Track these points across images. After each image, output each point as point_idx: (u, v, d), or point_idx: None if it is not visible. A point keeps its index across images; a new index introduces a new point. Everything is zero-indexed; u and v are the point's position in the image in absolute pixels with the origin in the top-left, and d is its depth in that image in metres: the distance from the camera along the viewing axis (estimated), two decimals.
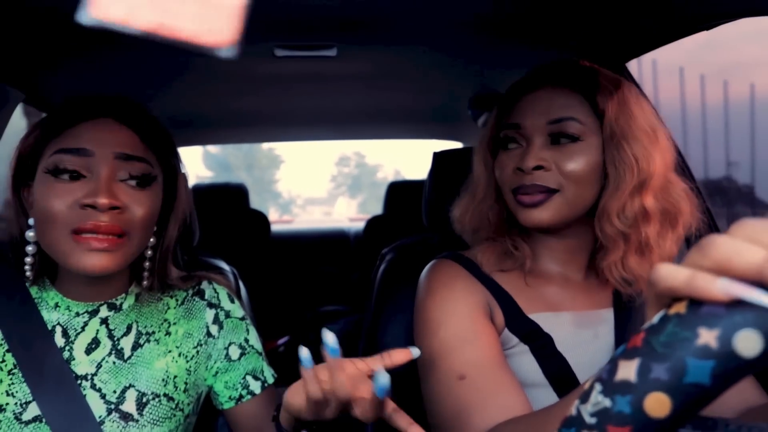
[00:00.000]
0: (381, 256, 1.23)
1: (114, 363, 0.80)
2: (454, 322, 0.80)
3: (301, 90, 1.83)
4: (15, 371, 0.76)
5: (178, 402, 0.83)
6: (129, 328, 0.83)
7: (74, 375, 0.78)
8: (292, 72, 1.58)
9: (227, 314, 0.90)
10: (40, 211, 0.74)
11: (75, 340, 0.80)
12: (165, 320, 0.86)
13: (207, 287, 0.91)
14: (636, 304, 0.85)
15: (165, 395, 0.81)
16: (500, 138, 0.86)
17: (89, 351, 0.80)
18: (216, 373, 0.87)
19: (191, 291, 0.90)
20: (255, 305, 1.36)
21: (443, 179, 1.16)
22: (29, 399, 0.75)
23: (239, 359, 0.88)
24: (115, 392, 0.79)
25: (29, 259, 0.78)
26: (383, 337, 1.09)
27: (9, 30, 1.05)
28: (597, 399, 0.33)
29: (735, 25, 0.97)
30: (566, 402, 0.65)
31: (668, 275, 0.33)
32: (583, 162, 0.80)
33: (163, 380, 0.82)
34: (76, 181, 0.74)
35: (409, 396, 0.86)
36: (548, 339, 0.83)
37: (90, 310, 0.82)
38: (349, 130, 2.62)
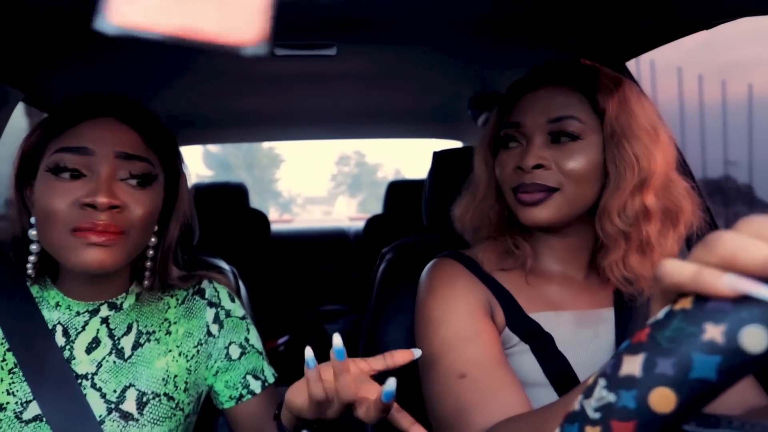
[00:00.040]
0: (381, 256, 1.23)
1: (114, 362, 0.80)
2: (455, 321, 0.80)
3: (301, 89, 1.83)
4: (15, 370, 0.76)
5: (179, 401, 0.83)
6: (129, 328, 0.83)
7: (75, 374, 0.78)
8: (292, 71, 1.58)
9: (228, 313, 0.90)
10: (41, 210, 0.74)
11: (75, 340, 0.80)
12: (165, 320, 0.86)
13: (207, 286, 0.91)
14: (637, 304, 0.85)
15: (165, 395, 0.81)
16: (501, 137, 0.86)
17: (90, 350, 0.80)
18: (216, 373, 0.87)
19: (192, 290, 0.90)
20: (255, 305, 1.36)
21: (443, 179, 1.16)
22: (30, 398, 0.75)
23: (239, 358, 0.88)
24: (116, 391, 0.78)
25: (32, 258, 0.78)
26: (383, 337, 1.09)
27: (9, 30, 1.05)
28: (601, 394, 0.33)
29: (734, 25, 0.97)
30: (567, 400, 0.65)
31: (674, 271, 0.33)
32: (584, 161, 0.79)
33: (164, 380, 0.82)
34: (77, 180, 0.74)
35: (410, 395, 0.86)
36: (549, 338, 0.83)
37: (90, 310, 0.82)
38: (349, 130, 2.62)
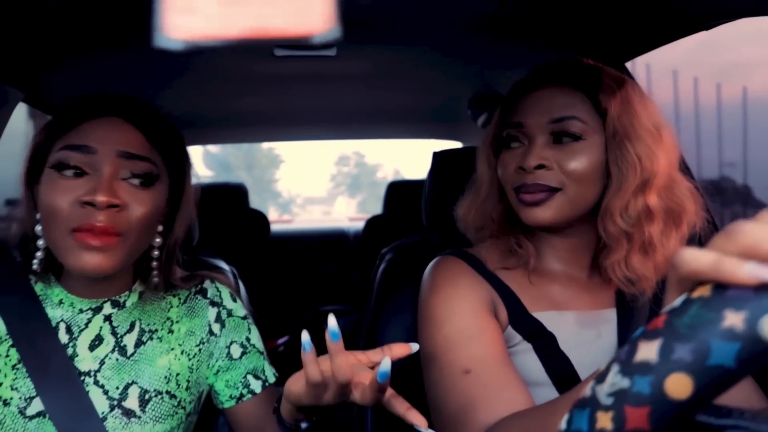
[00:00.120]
0: (381, 256, 1.23)
1: (117, 360, 0.80)
2: (459, 319, 0.80)
3: (301, 90, 1.83)
4: (19, 366, 0.76)
5: (180, 399, 0.83)
6: (132, 326, 0.84)
7: (78, 371, 0.78)
8: (292, 72, 1.58)
9: (229, 313, 0.90)
10: (44, 208, 0.74)
11: (78, 337, 0.80)
12: (168, 318, 0.86)
13: (209, 286, 0.91)
14: (639, 304, 0.84)
15: (167, 392, 0.81)
16: (503, 137, 0.86)
17: (93, 347, 0.80)
18: (217, 372, 0.88)
19: (194, 290, 0.90)
20: (254, 305, 1.36)
21: (443, 179, 1.16)
22: (33, 394, 0.75)
23: (240, 358, 0.88)
24: (118, 389, 0.79)
25: (39, 254, 0.78)
26: (383, 337, 1.08)
27: (9, 30, 1.05)
28: (614, 379, 0.33)
29: (733, 26, 0.97)
30: (572, 395, 0.64)
31: (694, 259, 0.33)
32: (585, 161, 0.79)
33: (166, 377, 0.82)
34: (80, 178, 0.74)
35: (410, 394, 0.86)
36: (552, 338, 0.83)
37: (94, 307, 0.82)
38: (349, 130, 2.62)
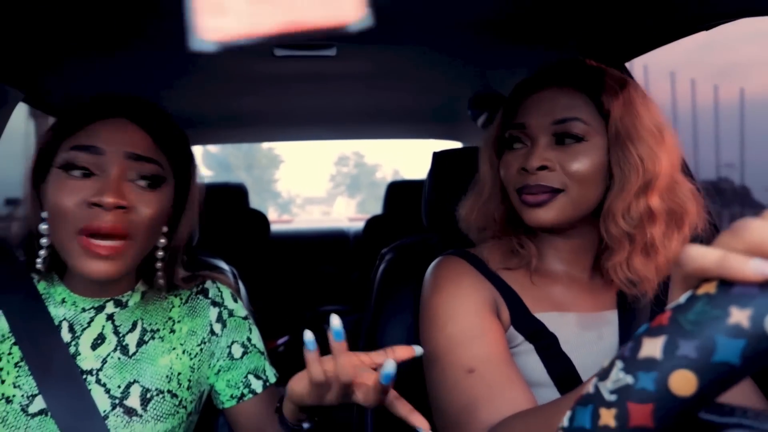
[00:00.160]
0: (380, 256, 1.23)
1: (119, 359, 0.81)
2: (462, 318, 0.80)
3: (301, 90, 1.83)
4: (21, 364, 0.76)
5: (182, 399, 0.83)
6: (134, 325, 0.84)
7: (80, 370, 0.78)
8: (292, 72, 1.58)
9: (230, 313, 0.90)
10: (51, 207, 0.75)
11: (81, 336, 0.80)
12: (170, 318, 0.87)
13: (211, 286, 0.91)
14: (640, 306, 0.84)
15: (169, 392, 0.82)
16: (505, 138, 0.86)
17: (95, 346, 0.80)
18: (218, 372, 0.88)
19: (195, 289, 0.90)
20: (254, 305, 1.36)
21: (443, 179, 1.16)
22: (35, 392, 0.75)
23: (241, 358, 0.88)
24: (120, 387, 0.79)
25: (42, 252, 0.79)
26: (383, 337, 1.08)
27: (9, 30, 1.05)
28: (618, 376, 0.32)
29: (732, 26, 0.97)
30: (576, 394, 0.64)
31: (699, 256, 0.33)
32: (588, 162, 0.79)
33: (167, 377, 0.82)
34: (87, 179, 0.74)
35: (411, 394, 0.86)
36: (553, 339, 0.83)
37: (96, 306, 0.83)
38: (349, 130, 2.62)
